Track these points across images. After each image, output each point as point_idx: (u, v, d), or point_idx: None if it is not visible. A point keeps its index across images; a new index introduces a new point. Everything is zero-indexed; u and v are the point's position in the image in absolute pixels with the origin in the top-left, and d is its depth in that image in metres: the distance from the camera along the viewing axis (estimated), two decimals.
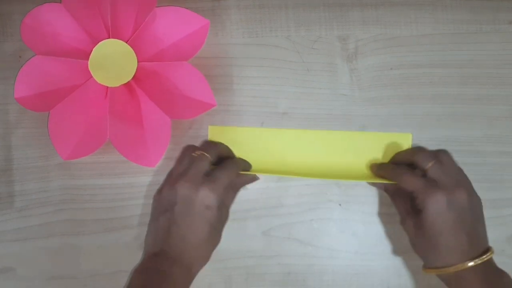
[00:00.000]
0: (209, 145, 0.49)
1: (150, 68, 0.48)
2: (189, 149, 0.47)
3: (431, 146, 0.49)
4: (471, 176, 0.46)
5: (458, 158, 0.50)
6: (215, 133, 0.50)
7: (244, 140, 0.50)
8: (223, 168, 0.45)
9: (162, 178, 0.49)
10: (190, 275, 0.43)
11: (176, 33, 0.48)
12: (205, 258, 0.44)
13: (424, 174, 0.44)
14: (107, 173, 0.51)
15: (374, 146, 0.50)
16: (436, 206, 0.42)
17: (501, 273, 0.42)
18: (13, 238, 0.50)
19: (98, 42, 0.47)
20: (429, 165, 0.44)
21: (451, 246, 0.42)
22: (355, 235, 0.51)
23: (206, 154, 0.45)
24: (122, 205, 0.50)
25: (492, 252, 0.42)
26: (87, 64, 0.47)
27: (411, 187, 0.44)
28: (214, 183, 0.43)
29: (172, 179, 0.45)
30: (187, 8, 0.48)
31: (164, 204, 0.44)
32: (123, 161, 0.50)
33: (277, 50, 0.51)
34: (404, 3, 0.51)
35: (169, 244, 0.42)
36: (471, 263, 0.41)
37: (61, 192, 0.50)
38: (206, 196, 0.42)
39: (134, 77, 0.48)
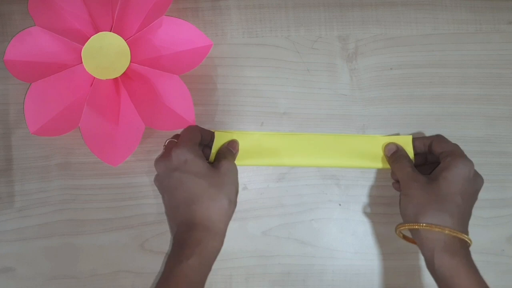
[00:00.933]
0: (176, 135, 0.49)
1: (140, 72, 0.48)
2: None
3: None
4: None
5: None
6: (220, 138, 0.49)
7: (248, 144, 0.50)
8: (182, 133, 0.47)
9: None
10: (213, 235, 0.42)
11: (176, 46, 0.48)
12: (220, 212, 0.43)
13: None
14: (107, 173, 0.51)
15: (375, 148, 0.49)
16: (463, 169, 0.43)
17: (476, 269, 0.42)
18: (13, 238, 0.50)
19: (99, 31, 0.47)
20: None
21: (455, 210, 0.42)
22: (355, 235, 0.51)
23: (172, 139, 0.47)
24: (122, 205, 0.50)
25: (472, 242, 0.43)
26: (81, 49, 0.47)
27: (446, 148, 0.46)
28: (178, 143, 0.45)
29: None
30: (190, 16, 0.48)
31: (160, 188, 0.46)
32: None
33: (277, 50, 0.51)
34: (404, 3, 0.51)
35: (181, 217, 0.43)
36: (464, 237, 0.41)
37: (61, 192, 0.50)
38: (177, 154, 0.43)
39: (122, 76, 0.48)
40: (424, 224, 0.42)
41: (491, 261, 0.50)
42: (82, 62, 0.47)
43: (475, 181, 0.44)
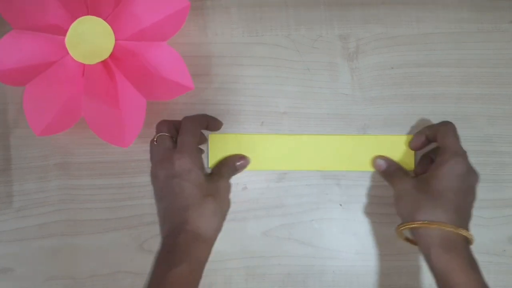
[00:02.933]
0: (163, 125, 0.47)
1: (127, 47, 0.47)
2: (152, 140, 0.47)
3: (432, 145, 0.49)
4: None
5: None
6: (215, 141, 0.50)
7: (244, 147, 0.50)
8: (183, 132, 0.45)
9: None
10: (202, 243, 0.43)
11: (156, 13, 0.47)
12: (212, 221, 0.43)
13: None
14: (106, 173, 0.50)
15: (376, 149, 0.49)
16: (454, 165, 0.43)
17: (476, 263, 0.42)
18: (11, 238, 0.50)
19: (76, 19, 0.47)
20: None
21: (449, 205, 0.42)
22: (355, 236, 0.50)
23: (164, 134, 0.46)
24: (121, 205, 0.50)
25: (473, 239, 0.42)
26: (64, 41, 0.47)
27: (443, 143, 0.45)
28: (182, 148, 0.44)
29: (151, 168, 0.46)
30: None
31: (156, 193, 0.45)
32: (122, 161, 0.50)
33: (277, 49, 0.51)
34: (405, 2, 0.51)
35: (174, 220, 0.43)
36: (462, 231, 0.41)
37: (59, 192, 0.50)
38: (181, 164, 0.43)
39: (111, 56, 0.47)
40: (420, 222, 0.42)
41: (492, 261, 0.50)
42: (68, 53, 0.47)
43: (468, 177, 0.44)
